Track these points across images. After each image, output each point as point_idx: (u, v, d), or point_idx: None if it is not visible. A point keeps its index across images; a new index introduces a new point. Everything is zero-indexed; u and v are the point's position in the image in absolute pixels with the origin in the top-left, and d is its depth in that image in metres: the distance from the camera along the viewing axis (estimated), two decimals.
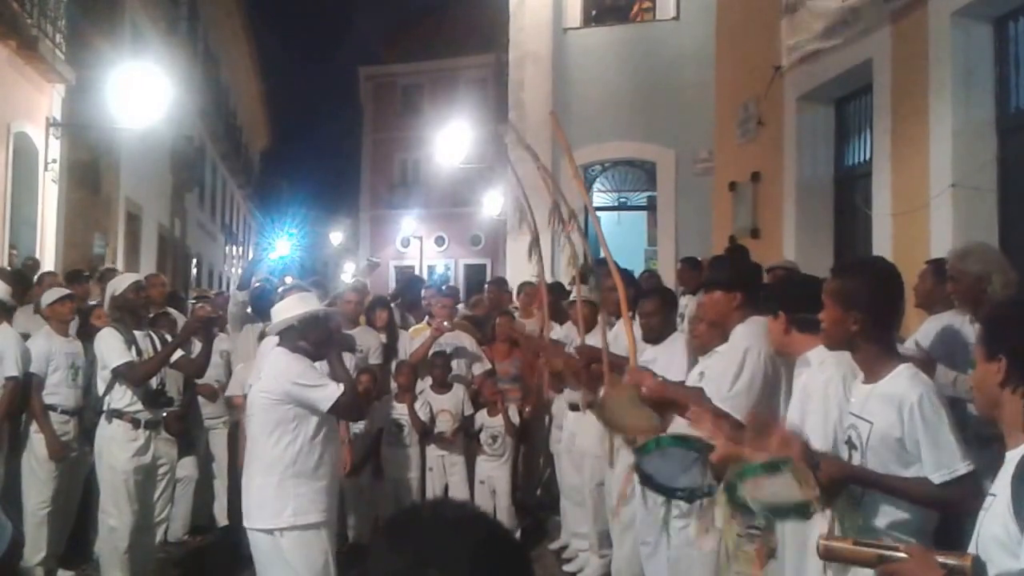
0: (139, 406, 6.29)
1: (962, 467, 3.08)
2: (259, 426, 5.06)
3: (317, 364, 5.23)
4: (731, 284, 4.75)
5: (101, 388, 6.35)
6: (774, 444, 3.39)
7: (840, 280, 3.50)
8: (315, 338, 5.15)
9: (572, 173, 6.64)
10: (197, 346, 7.01)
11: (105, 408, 6.30)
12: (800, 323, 4.02)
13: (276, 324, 5.18)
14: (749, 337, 4.51)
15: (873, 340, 3.36)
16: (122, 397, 6.26)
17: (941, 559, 2.46)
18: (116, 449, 6.24)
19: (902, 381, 3.25)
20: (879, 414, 3.25)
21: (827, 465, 3.19)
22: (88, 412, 6.95)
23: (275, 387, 5.00)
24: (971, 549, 2.50)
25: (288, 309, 5.18)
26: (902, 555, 2.55)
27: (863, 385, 3.42)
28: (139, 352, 6.34)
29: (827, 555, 2.75)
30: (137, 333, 6.43)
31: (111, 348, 6.26)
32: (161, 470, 7.04)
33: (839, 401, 3.64)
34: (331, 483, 5.20)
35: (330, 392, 4.97)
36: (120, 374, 6.23)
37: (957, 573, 2.42)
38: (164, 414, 6.64)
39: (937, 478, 3.10)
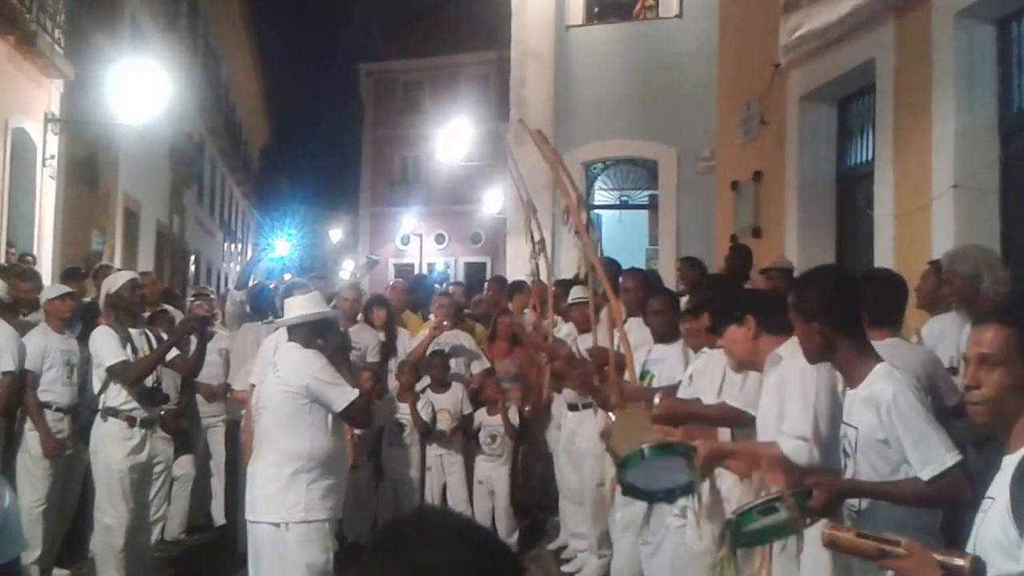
0: (134, 404, 6.25)
1: (948, 459, 3.08)
2: (274, 419, 5.10)
3: None
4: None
5: (96, 386, 6.31)
6: (763, 467, 3.46)
7: (795, 294, 3.57)
8: (335, 342, 5.31)
9: (566, 192, 6.57)
10: (194, 344, 6.96)
11: (101, 406, 6.26)
12: (768, 325, 4.02)
13: (293, 318, 5.22)
14: None
15: (843, 347, 3.40)
16: (118, 395, 6.22)
17: (940, 558, 2.45)
18: (112, 447, 6.20)
19: (877, 381, 3.28)
20: (862, 418, 3.28)
21: (819, 492, 3.20)
22: (84, 410, 6.91)
23: (294, 380, 5.05)
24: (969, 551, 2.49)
25: (306, 306, 5.24)
26: (901, 551, 2.54)
27: (849, 391, 3.46)
28: (135, 350, 6.29)
29: (830, 544, 2.78)
30: (132, 331, 6.38)
31: (106, 347, 6.22)
32: (157, 468, 6.99)
33: (818, 386, 3.68)
34: (339, 481, 5.26)
35: (347, 393, 5.05)
36: (115, 373, 6.18)
37: (955, 573, 2.41)
38: (161, 412, 6.61)
39: (926, 474, 3.10)
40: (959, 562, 2.42)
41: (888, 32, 7.69)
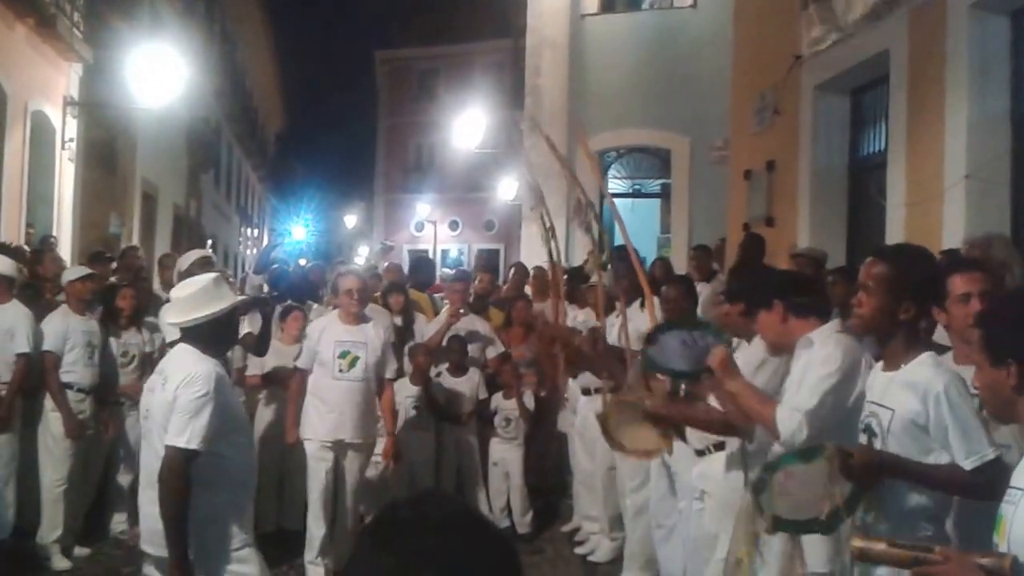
0: None
1: (990, 452, 3.10)
2: (157, 432, 4.17)
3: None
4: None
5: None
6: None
7: (896, 267, 3.38)
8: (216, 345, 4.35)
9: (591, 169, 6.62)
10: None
11: None
12: (796, 309, 4.04)
13: (185, 321, 4.21)
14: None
15: (908, 329, 3.34)
16: None
17: (980, 560, 2.43)
18: None
19: (926, 369, 3.25)
20: (901, 401, 3.25)
21: (861, 454, 3.19)
22: (114, 397, 6.91)
23: (170, 394, 4.09)
24: (1003, 547, 2.44)
25: (198, 302, 4.21)
26: (937, 557, 2.52)
27: (883, 372, 3.41)
28: None
29: (861, 557, 2.76)
30: None
31: None
32: None
33: (842, 372, 3.64)
34: (239, 504, 4.31)
35: (179, 437, 3.98)
36: None
37: (996, 574, 2.38)
38: None
39: (969, 464, 3.10)
40: (999, 563, 2.39)
41: (903, 23, 7.72)
